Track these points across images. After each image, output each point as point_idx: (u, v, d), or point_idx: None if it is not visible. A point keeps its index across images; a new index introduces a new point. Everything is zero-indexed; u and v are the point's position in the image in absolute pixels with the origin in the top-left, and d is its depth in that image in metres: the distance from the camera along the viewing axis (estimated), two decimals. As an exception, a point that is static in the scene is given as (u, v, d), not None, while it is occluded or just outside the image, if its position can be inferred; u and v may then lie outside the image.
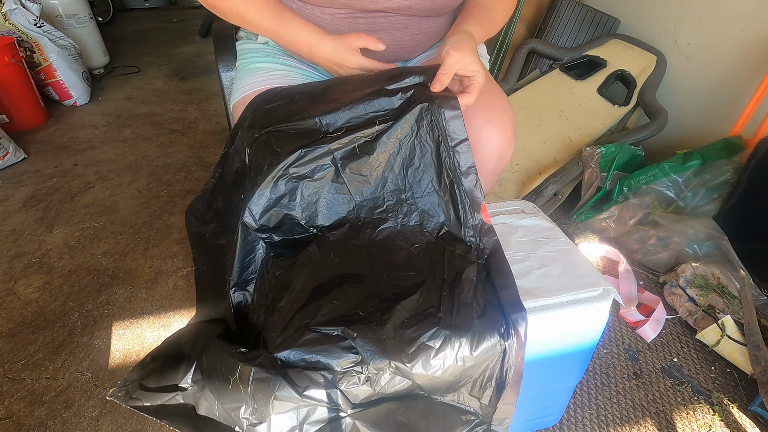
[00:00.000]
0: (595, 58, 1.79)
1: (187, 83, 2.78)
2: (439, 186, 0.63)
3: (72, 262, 1.35)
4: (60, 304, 1.20)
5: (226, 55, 0.83)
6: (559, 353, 0.72)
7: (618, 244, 1.38)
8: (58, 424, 0.93)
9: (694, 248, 1.25)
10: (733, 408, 0.97)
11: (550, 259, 0.72)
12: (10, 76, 2.01)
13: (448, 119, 0.62)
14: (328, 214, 0.63)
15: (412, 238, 0.63)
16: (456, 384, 0.55)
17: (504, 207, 0.86)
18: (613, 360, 1.07)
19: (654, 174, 1.36)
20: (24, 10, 2.16)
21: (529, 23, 2.06)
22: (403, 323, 0.53)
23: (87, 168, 1.86)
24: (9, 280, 1.28)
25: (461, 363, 0.53)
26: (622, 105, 1.63)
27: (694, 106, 1.63)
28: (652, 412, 0.96)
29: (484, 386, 0.56)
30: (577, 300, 0.66)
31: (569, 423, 0.93)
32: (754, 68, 1.40)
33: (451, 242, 0.63)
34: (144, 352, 1.07)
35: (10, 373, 1.03)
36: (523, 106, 1.70)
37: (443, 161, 0.62)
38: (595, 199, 1.44)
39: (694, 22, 1.58)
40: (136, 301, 1.22)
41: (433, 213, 0.64)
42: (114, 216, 1.56)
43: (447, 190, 0.63)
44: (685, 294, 1.17)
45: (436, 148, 0.62)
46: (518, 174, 1.51)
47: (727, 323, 1.06)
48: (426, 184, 0.63)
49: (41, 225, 1.51)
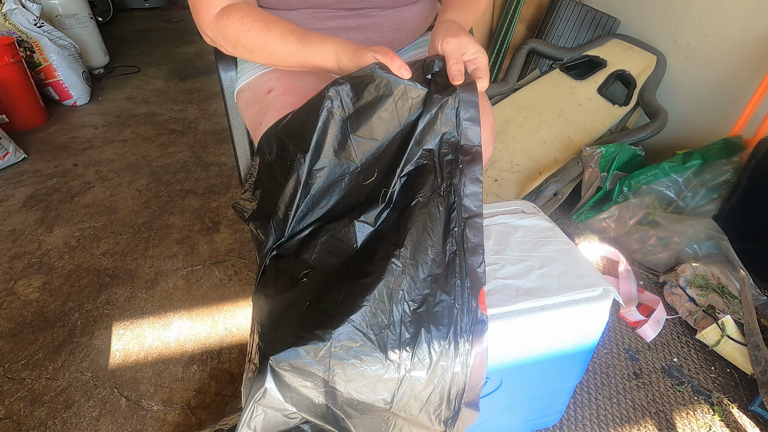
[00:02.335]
0: (595, 58, 1.79)
1: (187, 83, 2.78)
2: (439, 254, 0.56)
3: (72, 262, 1.35)
4: (60, 304, 1.20)
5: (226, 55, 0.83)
6: (559, 353, 0.72)
7: (618, 244, 1.38)
8: (58, 424, 0.93)
9: (694, 248, 1.25)
10: (733, 408, 0.97)
11: (550, 259, 0.72)
12: (10, 76, 2.01)
13: (467, 186, 0.57)
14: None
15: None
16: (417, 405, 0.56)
17: (504, 207, 0.86)
18: (613, 360, 1.07)
19: (654, 174, 1.36)
20: (24, 10, 2.16)
21: (529, 23, 2.06)
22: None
23: (87, 168, 1.86)
24: (9, 280, 1.28)
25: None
26: (622, 105, 1.63)
27: (694, 106, 1.63)
28: (652, 412, 0.96)
29: (442, 408, 0.57)
30: (577, 300, 0.66)
31: (569, 423, 0.93)
32: (754, 68, 1.40)
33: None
34: (144, 352, 1.08)
35: (10, 373, 1.03)
36: (523, 106, 1.70)
37: (451, 230, 0.57)
38: (595, 199, 1.44)
39: (694, 22, 1.58)
40: (136, 301, 1.22)
41: (421, 278, 0.56)
42: (114, 216, 1.56)
43: (446, 262, 0.56)
44: (685, 294, 1.17)
45: (447, 214, 0.57)
46: (518, 174, 1.51)
47: (727, 323, 1.06)
48: (424, 246, 0.56)
49: (41, 225, 1.51)
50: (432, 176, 0.57)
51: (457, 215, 0.56)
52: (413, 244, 0.55)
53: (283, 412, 0.55)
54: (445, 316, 0.54)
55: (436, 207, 0.56)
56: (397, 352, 0.53)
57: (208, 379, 1.01)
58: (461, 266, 0.56)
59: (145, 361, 1.06)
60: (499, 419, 0.81)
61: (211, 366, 1.04)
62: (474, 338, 0.55)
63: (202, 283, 1.28)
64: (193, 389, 0.99)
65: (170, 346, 1.09)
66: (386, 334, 0.53)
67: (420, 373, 0.53)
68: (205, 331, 1.13)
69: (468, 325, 0.55)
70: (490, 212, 0.84)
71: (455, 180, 0.57)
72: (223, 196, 1.67)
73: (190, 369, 1.04)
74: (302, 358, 0.52)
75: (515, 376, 0.72)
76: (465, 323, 0.55)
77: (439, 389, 0.55)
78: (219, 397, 0.97)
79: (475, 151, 0.58)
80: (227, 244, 1.42)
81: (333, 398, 0.53)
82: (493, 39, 1.98)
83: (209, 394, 0.98)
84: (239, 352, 1.08)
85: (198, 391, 0.99)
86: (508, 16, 1.89)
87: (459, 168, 0.57)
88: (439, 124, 0.57)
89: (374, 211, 0.58)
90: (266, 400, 0.53)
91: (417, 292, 0.54)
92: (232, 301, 1.22)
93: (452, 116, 0.57)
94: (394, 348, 0.53)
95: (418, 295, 0.54)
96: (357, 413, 0.54)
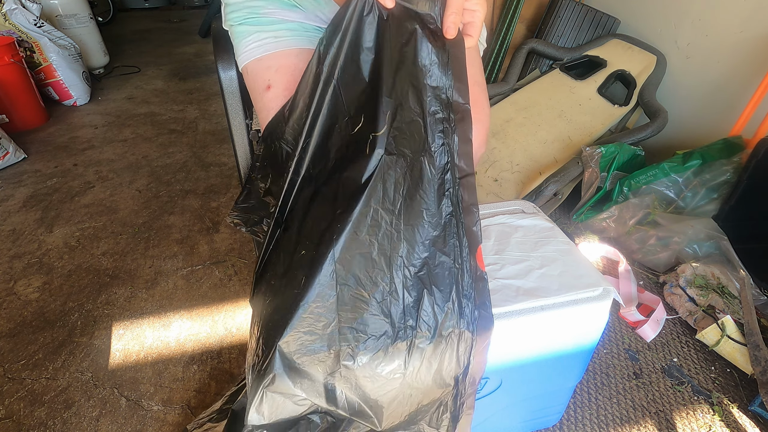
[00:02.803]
0: (595, 58, 1.79)
1: (187, 83, 2.78)
2: (434, 216, 0.55)
3: (72, 262, 1.35)
4: (60, 304, 1.20)
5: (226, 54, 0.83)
6: (559, 353, 0.72)
7: (618, 244, 1.38)
8: (58, 424, 0.93)
9: (694, 248, 1.25)
10: (733, 408, 0.97)
11: (550, 259, 0.72)
12: (10, 76, 2.01)
13: (460, 144, 0.55)
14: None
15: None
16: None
17: (504, 207, 0.86)
18: (613, 360, 1.07)
19: (654, 174, 1.36)
20: (24, 10, 2.16)
21: (529, 23, 2.06)
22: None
23: (87, 168, 1.86)
24: (9, 280, 1.28)
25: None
26: (622, 105, 1.63)
27: (694, 106, 1.63)
28: (652, 412, 0.96)
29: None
30: (577, 300, 0.66)
31: (569, 423, 0.93)
32: (754, 68, 1.40)
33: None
34: (144, 352, 1.08)
35: (10, 373, 1.03)
36: (523, 106, 1.71)
37: (446, 191, 0.55)
38: (595, 199, 1.44)
39: (694, 22, 1.58)
40: (136, 301, 1.22)
41: (419, 242, 0.55)
42: (114, 216, 1.56)
43: (442, 224, 0.55)
44: (685, 294, 1.17)
45: (440, 175, 0.55)
46: (518, 174, 1.51)
47: (727, 323, 1.06)
48: (418, 210, 0.54)
49: (41, 225, 1.51)
50: (422, 134, 0.54)
51: (451, 176, 0.55)
52: (406, 208, 0.53)
53: (293, 399, 0.54)
54: (446, 277, 0.55)
55: (427, 167, 0.54)
56: (402, 317, 0.53)
57: (208, 379, 1.01)
58: (458, 227, 0.55)
59: (145, 361, 1.06)
60: (499, 419, 0.81)
61: (211, 366, 1.04)
62: (476, 295, 0.56)
63: (202, 283, 1.28)
64: (193, 389, 0.99)
65: (170, 346, 1.09)
66: (389, 300, 0.53)
67: (427, 335, 0.54)
68: (205, 331, 1.13)
69: (469, 283, 0.56)
70: (490, 212, 0.84)
71: (448, 140, 0.55)
72: (223, 196, 1.67)
73: (190, 369, 1.04)
74: (309, 337, 0.52)
75: (515, 376, 0.72)
76: (466, 282, 0.55)
77: (449, 348, 0.55)
78: (219, 397, 0.97)
79: (464, 109, 0.56)
80: (227, 244, 1.42)
81: (345, 379, 0.53)
82: (493, 39, 1.99)
83: (209, 394, 0.98)
84: (239, 352, 1.08)
85: (198, 391, 0.99)
86: (508, 16, 1.90)
87: (451, 127, 0.55)
88: (425, 69, 0.54)
89: (363, 163, 0.54)
90: (275, 385, 0.53)
91: (416, 256, 0.54)
92: (232, 301, 1.22)
93: (441, 72, 0.54)
94: (399, 313, 0.53)
95: (418, 259, 0.54)
96: (371, 392, 0.54)
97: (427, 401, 0.57)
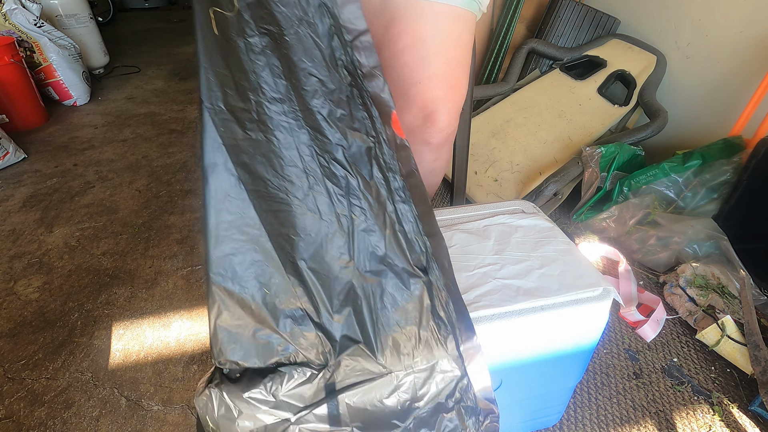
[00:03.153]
0: (595, 58, 1.79)
1: (187, 83, 2.78)
2: (332, 93, 0.49)
3: (72, 262, 1.35)
4: (60, 304, 1.20)
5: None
6: (559, 353, 0.72)
7: (618, 244, 1.38)
8: (58, 424, 0.93)
9: (694, 248, 1.25)
10: (733, 408, 0.97)
11: (550, 259, 0.72)
12: (10, 76, 2.01)
13: (341, 4, 0.48)
14: None
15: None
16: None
17: (504, 207, 0.86)
18: (613, 360, 1.07)
19: (654, 174, 1.36)
20: (24, 10, 2.16)
21: (529, 23, 2.06)
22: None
23: (87, 168, 1.86)
24: (9, 280, 1.28)
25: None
26: (622, 105, 1.64)
27: (694, 106, 1.63)
28: (652, 412, 0.96)
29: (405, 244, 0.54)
30: (577, 300, 0.66)
31: (569, 423, 0.93)
32: (754, 68, 1.40)
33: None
34: (144, 352, 1.08)
35: (10, 373, 1.03)
36: (523, 106, 1.71)
37: (337, 60, 0.48)
38: (595, 199, 1.44)
39: (694, 22, 1.58)
40: (136, 301, 1.22)
41: (323, 126, 0.50)
42: (114, 216, 1.56)
43: (345, 98, 0.50)
44: (685, 294, 1.17)
45: (327, 41, 0.48)
46: (518, 174, 1.51)
47: (727, 323, 1.06)
48: (313, 90, 0.48)
49: (41, 225, 1.51)
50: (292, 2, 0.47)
51: (339, 41, 0.48)
52: (296, 91, 0.48)
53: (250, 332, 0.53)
54: (363, 154, 0.51)
55: (309, 38, 0.47)
56: (332, 206, 0.51)
57: (208, 379, 1.01)
58: (363, 96, 0.50)
59: (145, 361, 1.06)
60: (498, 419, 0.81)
61: (212, 366, 1.04)
62: (402, 164, 0.52)
63: (203, 283, 1.28)
64: (193, 389, 0.99)
65: (170, 346, 1.09)
66: (311, 195, 0.50)
67: (362, 218, 0.52)
68: (205, 331, 1.13)
69: (390, 155, 0.52)
70: (490, 212, 0.84)
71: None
72: (223, 196, 1.67)
73: (190, 369, 1.04)
74: (240, 257, 0.50)
75: (515, 376, 0.72)
76: (386, 153, 0.51)
77: (389, 224, 0.53)
78: (219, 397, 0.97)
79: None
80: (227, 244, 1.42)
81: (297, 286, 0.51)
82: (493, 39, 1.98)
83: (209, 394, 0.98)
84: (239, 352, 1.08)
85: (198, 391, 0.99)
86: (508, 16, 1.89)
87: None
88: None
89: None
90: (223, 318, 0.52)
91: (327, 142, 0.50)
92: (232, 301, 1.22)
93: None
94: (328, 203, 0.51)
95: (329, 145, 0.50)
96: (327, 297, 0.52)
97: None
